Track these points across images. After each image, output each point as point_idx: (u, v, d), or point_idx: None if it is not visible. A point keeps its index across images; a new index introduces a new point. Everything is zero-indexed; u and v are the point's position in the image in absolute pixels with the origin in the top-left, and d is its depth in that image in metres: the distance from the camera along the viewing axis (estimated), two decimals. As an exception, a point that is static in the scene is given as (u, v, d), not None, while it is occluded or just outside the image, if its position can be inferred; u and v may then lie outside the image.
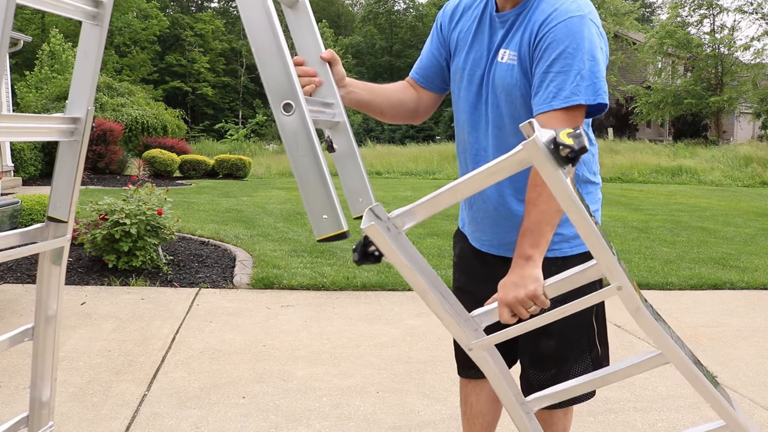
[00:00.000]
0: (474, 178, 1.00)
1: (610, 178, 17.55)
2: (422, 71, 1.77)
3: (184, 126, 21.79)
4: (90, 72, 1.34)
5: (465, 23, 1.68)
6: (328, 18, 50.13)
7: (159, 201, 5.07)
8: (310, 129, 1.11)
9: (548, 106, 1.43)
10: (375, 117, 1.74)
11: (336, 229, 1.12)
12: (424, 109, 1.80)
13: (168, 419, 2.64)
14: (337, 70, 1.45)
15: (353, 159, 1.42)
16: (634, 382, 3.18)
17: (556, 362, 1.70)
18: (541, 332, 1.65)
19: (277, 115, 1.12)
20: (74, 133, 1.35)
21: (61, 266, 1.43)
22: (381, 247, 1.07)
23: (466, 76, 1.65)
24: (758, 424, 2.78)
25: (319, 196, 1.12)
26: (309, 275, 5.04)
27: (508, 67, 1.54)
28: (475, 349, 1.17)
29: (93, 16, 1.32)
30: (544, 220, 1.39)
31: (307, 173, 1.12)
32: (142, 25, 41.43)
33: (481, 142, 1.64)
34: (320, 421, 2.67)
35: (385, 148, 24.31)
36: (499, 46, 1.58)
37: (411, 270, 1.09)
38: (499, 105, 1.58)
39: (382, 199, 12.34)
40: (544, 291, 1.28)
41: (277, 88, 1.12)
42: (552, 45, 1.44)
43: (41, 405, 1.51)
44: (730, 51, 28.69)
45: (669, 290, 5.17)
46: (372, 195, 1.41)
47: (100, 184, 12.16)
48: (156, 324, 3.85)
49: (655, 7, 47.18)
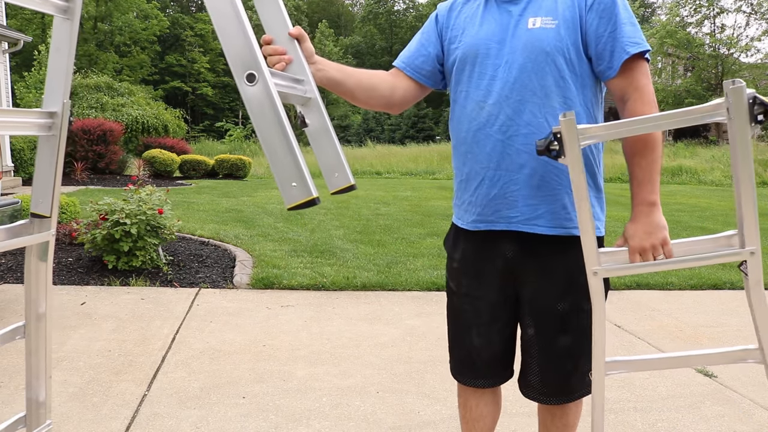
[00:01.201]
0: (660, 118, 1.26)
1: (610, 178, 17.55)
2: (408, 59, 1.76)
3: (184, 126, 21.80)
4: (63, 66, 1.35)
5: (468, 11, 1.70)
6: (328, 18, 50.14)
7: (159, 201, 5.07)
8: (274, 98, 1.11)
9: (627, 55, 1.53)
10: (346, 99, 1.72)
11: (305, 196, 1.11)
12: (400, 99, 1.77)
13: (168, 419, 2.64)
14: (306, 46, 1.46)
15: (327, 135, 1.42)
16: (634, 382, 3.18)
17: (573, 358, 1.68)
18: (559, 329, 1.65)
19: (240, 86, 1.12)
20: (52, 128, 1.36)
21: (47, 262, 1.43)
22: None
23: (482, 52, 1.63)
24: (758, 424, 2.78)
25: (287, 164, 1.11)
26: (309, 275, 5.04)
27: (545, 31, 1.55)
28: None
29: (63, 10, 1.32)
30: (655, 169, 1.54)
31: (273, 142, 1.12)
32: (142, 25, 41.44)
33: (506, 111, 1.59)
34: (320, 421, 2.67)
35: (385, 148, 24.32)
36: (522, 16, 1.59)
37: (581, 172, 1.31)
38: (537, 71, 1.56)
39: (382, 199, 12.29)
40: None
41: (239, 58, 1.11)
42: (602, 4, 1.54)
43: (38, 405, 1.51)
44: (731, 51, 28.70)
45: (669, 290, 5.17)
46: (348, 169, 1.41)
47: (100, 184, 12.16)
48: (156, 324, 3.85)
49: (655, 7, 47.16)
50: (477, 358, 1.77)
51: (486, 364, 1.77)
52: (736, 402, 3.00)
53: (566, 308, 1.64)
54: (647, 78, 1.56)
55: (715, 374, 3.33)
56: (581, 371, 1.68)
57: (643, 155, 1.52)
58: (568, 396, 1.72)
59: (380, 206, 9.54)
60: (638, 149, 1.53)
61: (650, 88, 1.56)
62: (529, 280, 1.67)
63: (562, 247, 1.63)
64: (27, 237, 1.38)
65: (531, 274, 1.66)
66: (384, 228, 7.61)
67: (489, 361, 1.77)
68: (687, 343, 3.83)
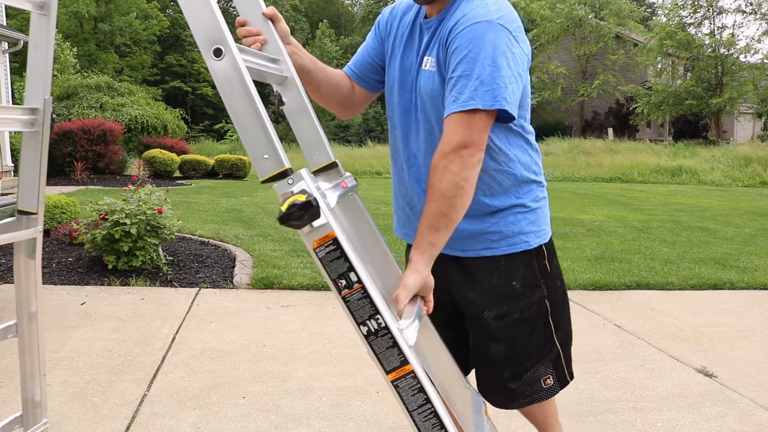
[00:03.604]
0: None
1: (610, 178, 17.56)
2: (356, 67, 1.77)
3: (184, 126, 21.79)
4: (42, 63, 1.36)
5: (400, 30, 1.68)
6: (328, 18, 50.10)
7: (159, 201, 5.07)
8: (242, 71, 1.11)
9: (449, 110, 1.44)
10: (309, 91, 1.71)
11: (278, 168, 1.12)
12: (356, 103, 1.80)
13: (168, 419, 2.64)
14: (281, 27, 1.46)
15: (306, 113, 1.42)
16: (634, 382, 3.18)
17: (510, 365, 1.68)
18: (489, 336, 1.66)
19: (208, 61, 1.12)
20: (34, 124, 1.37)
21: (36, 260, 1.44)
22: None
23: (398, 84, 1.66)
24: (758, 424, 2.78)
25: (259, 137, 1.12)
26: (309, 275, 5.04)
27: (430, 74, 1.55)
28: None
29: (40, 6, 1.33)
30: (431, 223, 1.45)
31: (243, 116, 1.12)
32: (142, 25, 41.44)
33: (412, 147, 1.64)
34: (320, 421, 2.67)
35: (385, 148, 24.28)
36: (424, 53, 1.58)
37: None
38: (426, 111, 1.58)
39: (382, 199, 12.25)
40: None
41: (205, 33, 1.11)
42: (457, 50, 1.45)
43: (35, 404, 1.52)
44: (731, 52, 28.70)
45: (669, 290, 5.16)
46: (328, 147, 1.42)
47: (100, 184, 12.16)
48: (156, 324, 3.85)
49: (655, 7, 47.17)
50: None
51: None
52: (736, 402, 2.99)
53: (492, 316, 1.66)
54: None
55: (715, 374, 3.33)
56: (525, 378, 1.68)
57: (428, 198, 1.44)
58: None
59: (380, 206, 9.53)
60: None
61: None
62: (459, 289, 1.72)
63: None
64: (13, 233, 1.38)
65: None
66: (384, 228, 7.59)
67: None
68: (687, 343, 3.83)
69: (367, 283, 1.16)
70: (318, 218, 1.12)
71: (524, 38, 1.51)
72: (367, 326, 1.18)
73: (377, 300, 1.16)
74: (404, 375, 1.18)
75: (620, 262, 5.93)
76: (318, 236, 1.14)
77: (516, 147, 1.61)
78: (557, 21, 31.84)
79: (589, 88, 31.97)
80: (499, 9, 1.47)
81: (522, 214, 1.63)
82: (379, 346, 1.18)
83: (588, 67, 33.78)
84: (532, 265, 1.65)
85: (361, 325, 1.18)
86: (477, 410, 1.56)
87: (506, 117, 1.46)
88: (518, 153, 1.61)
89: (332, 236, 1.13)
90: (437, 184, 1.40)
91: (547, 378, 1.70)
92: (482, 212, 1.60)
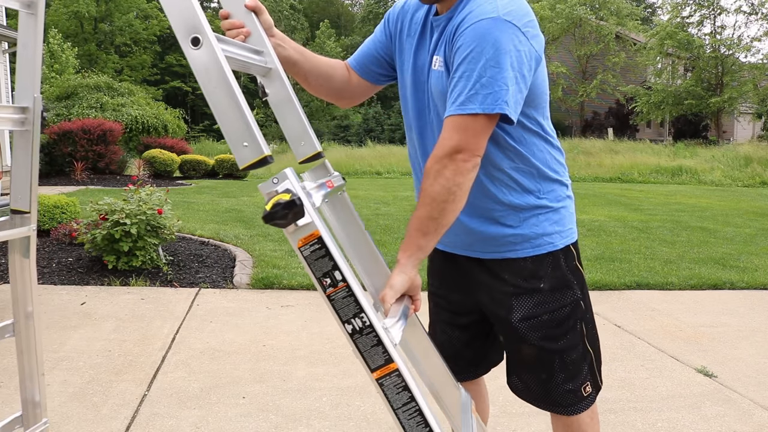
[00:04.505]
0: None
1: (610, 178, 17.56)
2: (360, 58, 1.75)
3: (185, 126, 21.79)
4: (31, 61, 1.36)
5: (412, 27, 1.64)
6: (329, 18, 50.12)
7: (159, 201, 5.07)
8: (220, 60, 1.11)
9: (447, 112, 1.39)
10: (299, 81, 1.69)
11: (257, 155, 1.11)
12: (352, 94, 1.77)
13: (168, 419, 2.64)
14: (264, 18, 1.44)
15: (290, 105, 1.41)
16: (634, 382, 3.18)
17: (544, 368, 1.64)
18: (518, 339, 1.63)
19: (186, 50, 1.11)
20: (25, 123, 1.37)
21: (30, 259, 1.44)
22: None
23: (412, 83, 1.62)
24: (758, 424, 2.78)
25: (237, 125, 1.11)
26: (309, 275, 5.03)
27: (439, 74, 1.50)
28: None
29: (27, 4, 1.33)
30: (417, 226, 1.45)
31: (222, 104, 1.12)
32: (142, 25, 41.46)
33: (428, 147, 1.59)
34: (320, 421, 2.67)
35: (385, 148, 24.29)
36: (433, 52, 1.54)
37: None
38: (439, 112, 1.54)
39: (382, 199, 12.27)
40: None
41: (182, 23, 1.11)
42: (460, 49, 1.39)
43: (34, 404, 1.52)
44: (731, 52, 28.70)
45: (669, 290, 5.16)
46: (314, 137, 1.41)
47: (100, 184, 12.16)
48: (156, 324, 3.85)
49: (655, 7, 47.17)
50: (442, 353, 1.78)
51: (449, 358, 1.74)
52: (736, 402, 2.99)
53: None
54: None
55: (715, 374, 3.33)
56: (557, 383, 1.63)
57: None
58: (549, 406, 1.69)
59: (380, 206, 9.53)
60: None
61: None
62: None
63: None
64: (7, 232, 1.38)
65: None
66: (384, 228, 7.60)
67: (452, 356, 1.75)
68: (687, 343, 3.83)
69: (352, 281, 1.17)
70: (302, 217, 1.12)
71: (536, 33, 1.43)
72: (351, 324, 1.19)
73: (361, 299, 1.17)
74: (389, 373, 1.18)
75: (620, 262, 5.93)
76: (303, 235, 1.14)
77: (532, 146, 1.56)
78: (557, 21, 31.87)
79: (587, 87, 31.99)
80: (507, 4, 1.39)
81: (544, 215, 1.59)
82: (363, 344, 1.19)
83: (588, 68, 33.81)
84: (561, 266, 1.61)
85: (345, 323, 1.20)
86: (465, 409, 1.56)
87: (506, 120, 1.41)
88: (535, 151, 1.56)
89: (317, 235, 1.14)
90: (429, 188, 1.38)
91: (586, 385, 1.64)
92: (502, 212, 1.57)
